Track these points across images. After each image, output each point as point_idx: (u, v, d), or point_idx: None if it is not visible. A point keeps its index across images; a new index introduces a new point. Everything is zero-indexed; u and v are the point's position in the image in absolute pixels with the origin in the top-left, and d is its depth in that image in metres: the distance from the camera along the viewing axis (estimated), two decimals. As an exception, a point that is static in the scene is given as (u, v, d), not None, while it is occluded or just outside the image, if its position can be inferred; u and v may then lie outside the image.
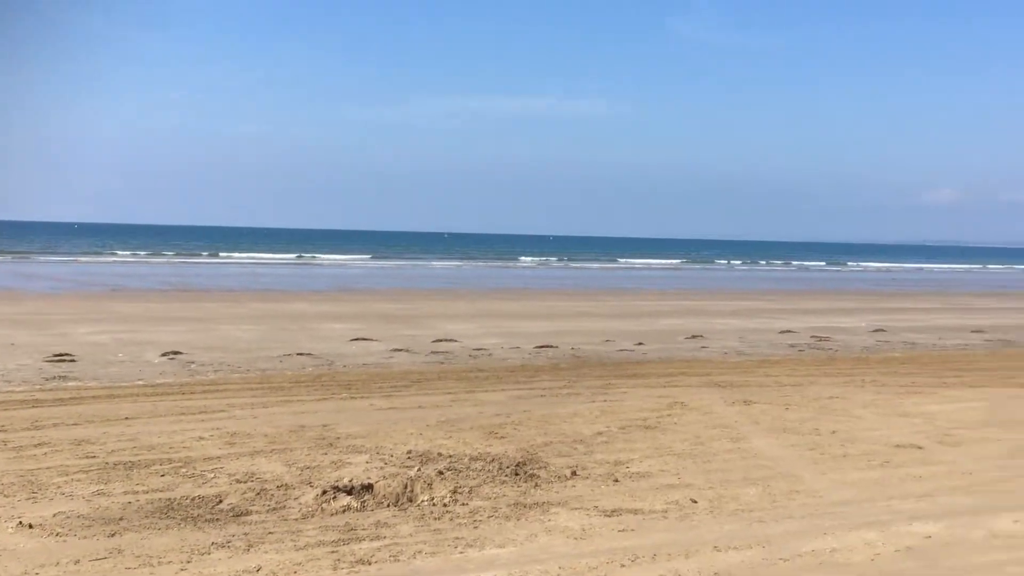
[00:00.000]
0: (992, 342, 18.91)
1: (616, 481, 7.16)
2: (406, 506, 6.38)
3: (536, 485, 6.98)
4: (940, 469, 7.73)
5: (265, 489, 6.65)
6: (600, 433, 8.93)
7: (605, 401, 10.78)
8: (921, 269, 78.38)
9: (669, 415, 9.94)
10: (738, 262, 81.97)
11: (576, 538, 5.77)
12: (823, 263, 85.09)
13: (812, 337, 19.13)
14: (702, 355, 16.15)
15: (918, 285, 49.08)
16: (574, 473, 7.33)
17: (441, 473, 7.09)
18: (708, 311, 26.15)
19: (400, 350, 15.53)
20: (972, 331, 21.14)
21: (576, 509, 6.38)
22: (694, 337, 18.68)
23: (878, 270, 75.81)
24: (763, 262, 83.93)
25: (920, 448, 8.55)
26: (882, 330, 20.86)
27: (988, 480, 7.37)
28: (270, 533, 5.72)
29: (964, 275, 67.20)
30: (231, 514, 6.13)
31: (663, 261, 77.16)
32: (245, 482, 6.84)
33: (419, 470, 7.14)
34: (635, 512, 6.35)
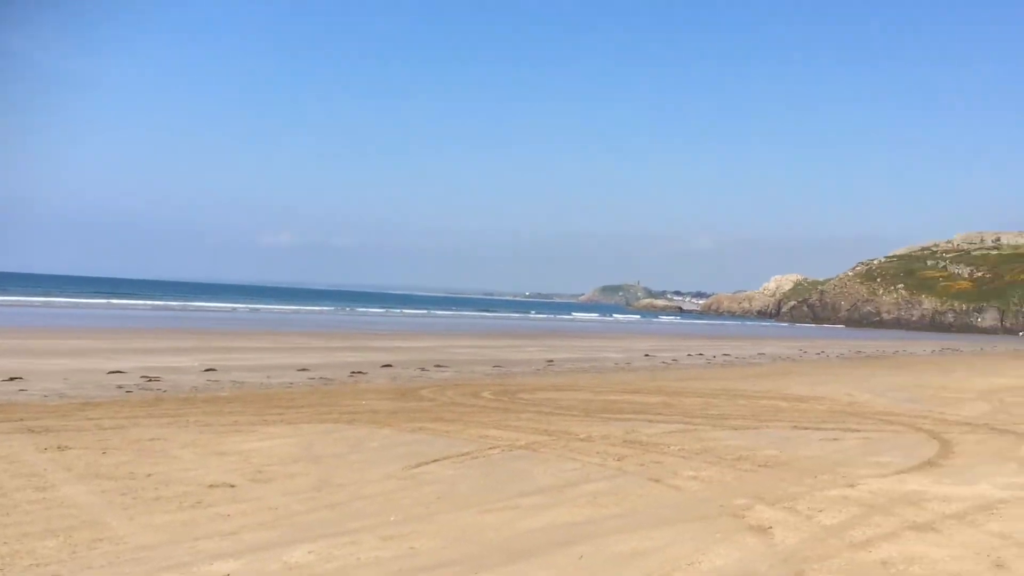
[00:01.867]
0: (315, 380, 20.15)
1: None
2: None
3: None
4: (249, 506, 7.95)
5: None
6: None
7: None
8: (259, 309, 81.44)
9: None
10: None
11: None
12: (162, 301, 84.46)
13: (142, 378, 18.73)
14: (20, 398, 14.92)
15: (254, 325, 50.88)
16: None
17: None
18: (34, 350, 24.34)
19: None
20: (299, 369, 22.35)
21: None
22: (12, 379, 17.21)
23: (218, 309, 77.16)
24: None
25: (233, 486, 8.73)
26: (214, 369, 21.16)
27: (291, 513, 7.75)
28: None
29: (297, 316, 71.19)
30: None
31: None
32: None
33: None
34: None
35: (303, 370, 22.28)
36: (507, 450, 11.25)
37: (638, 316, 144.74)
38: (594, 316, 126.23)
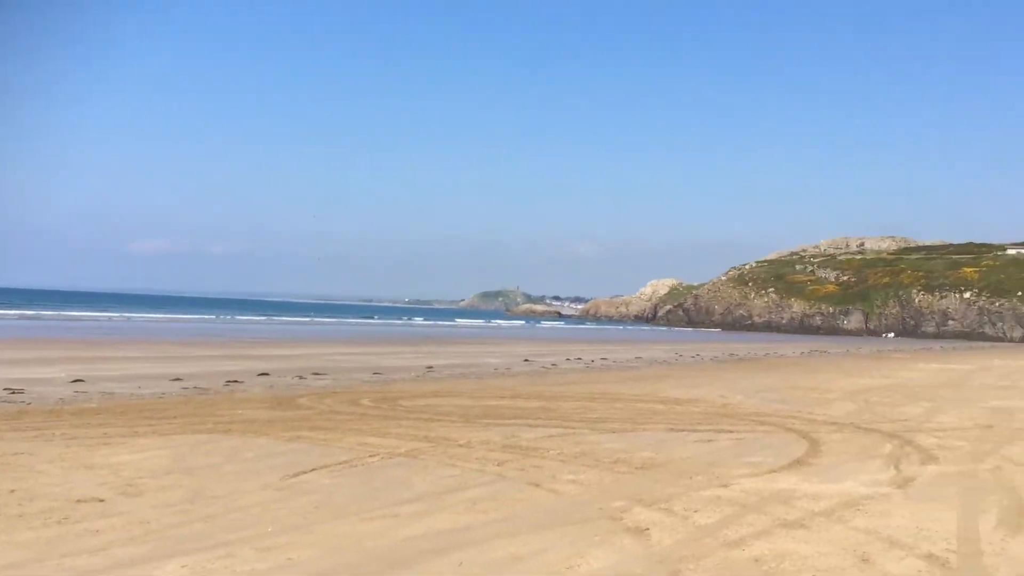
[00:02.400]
0: (188, 389, 19.64)
1: None
2: None
3: None
4: (119, 521, 7.69)
5: None
6: None
7: None
8: (130, 318, 79.00)
9: None
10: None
11: None
12: (26, 310, 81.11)
13: (5, 390, 17.93)
14: None
15: (126, 333, 49.35)
16: None
17: None
18: None
19: None
20: (172, 379, 21.75)
21: None
22: None
23: (87, 318, 74.56)
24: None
25: (102, 501, 8.44)
26: (82, 380, 20.43)
27: (163, 527, 7.53)
28: None
29: (171, 324, 69.30)
30: None
31: None
32: None
33: None
34: None
35: (176, 380, 21.70)
36: (386, 458, 11.18)
37: (523, 321, 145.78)
38: (479, 322, 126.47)
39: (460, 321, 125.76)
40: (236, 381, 21.93)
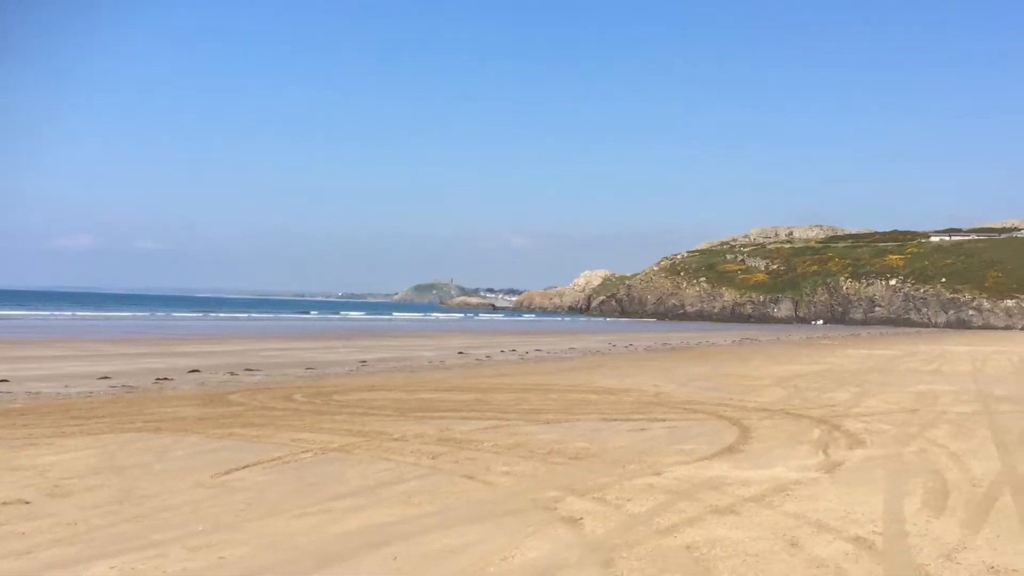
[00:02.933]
0: (117, 388, 19.29)
1: None
2: None
3: None
4: (45, 523, 7.53)
5: None
6: None
7: None
8: (55, 315, 77.28)
9: None
10: None
11: None
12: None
13: (-77, 391, 17.46)
14: None
15: (51, 332, 48.28)
16: None
17: None
18: None
19: None
20: (99, 377, 21.35)
21: None
22: None
23: (10, 316, 72.78)
24: None
25: (28, 503, 8.25)
26: (6, 380, 19.94)
27: (92, 528, 7.39)
28: None
29: (99, 322, 67.91)
30: None
31: None
32: None
33: None
34: None
35: (104, 378, 21.30)
36: (319, 453, 11.10)
37: (461, 315, 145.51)
38: (417, 316, 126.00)
39: (396, 315, 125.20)
40: (166, 379, 21.60)
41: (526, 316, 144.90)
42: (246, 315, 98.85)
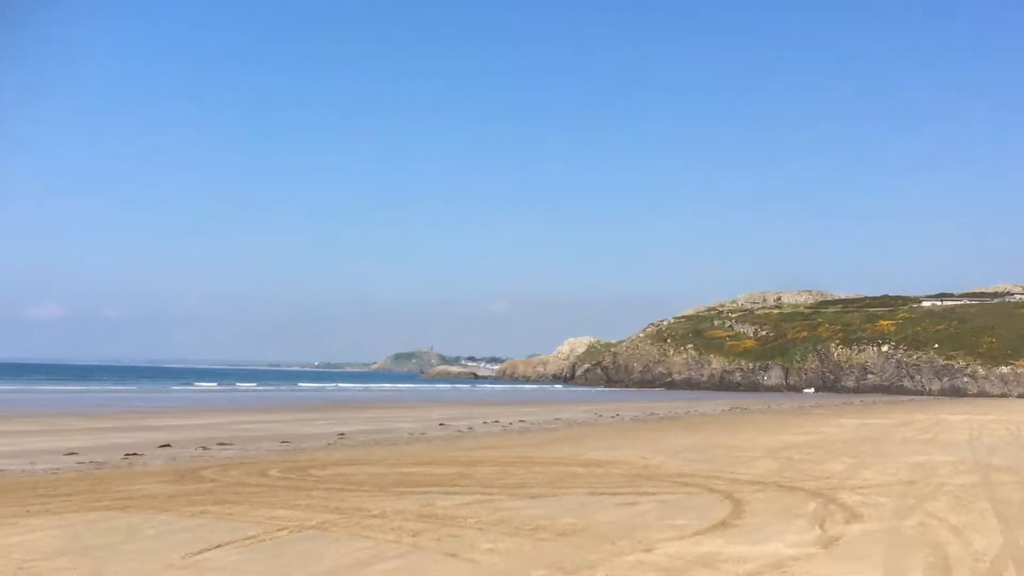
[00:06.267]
0: (84, 464, 18.72)
1: None
2: None
3: None
4: (-2, 612, 7.06)
5: None
6: None
7: None
8: (21, 389, 76.13)
9: None
10: None
11: None
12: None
13: None
14: None
15: (16, 405, 47.53)
16: None
17: None
18: None
19: None
20: (66, 453, 20.76)
21: None
22: None
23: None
24: None
25: (-18, 589, 7.78)
26: (-29, 457, 19.33)
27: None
28: None
29: (68, 395, 66.71)
30: None
31: None
32: None
33: None
34: None
35: (71, 454, 20.71)
36: (296, 531, 10.62)
37: (448, 385, 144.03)
38: (397, 386, 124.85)
39: (375, 385, 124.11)
40: (135, 454, 21.01)
41: (505, 384, 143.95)
42: (219, 386, 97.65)
